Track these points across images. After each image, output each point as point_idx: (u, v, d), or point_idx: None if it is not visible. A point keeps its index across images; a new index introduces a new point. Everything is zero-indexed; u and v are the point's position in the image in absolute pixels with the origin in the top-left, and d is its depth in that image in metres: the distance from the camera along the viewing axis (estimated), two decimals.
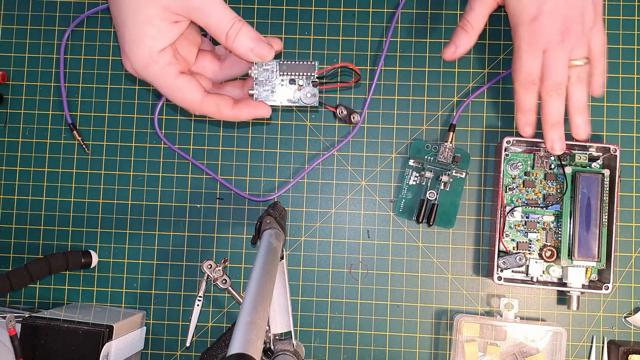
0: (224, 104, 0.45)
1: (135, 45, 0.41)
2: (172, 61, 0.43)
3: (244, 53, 0.44)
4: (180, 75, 0.43)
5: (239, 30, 0.43)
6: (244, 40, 0.43)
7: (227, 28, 0.42)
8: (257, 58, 0.44)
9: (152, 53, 0.41)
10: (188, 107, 0.45)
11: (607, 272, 0.57)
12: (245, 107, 0.46)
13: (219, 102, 0.45)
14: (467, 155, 0.62)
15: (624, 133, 0.62)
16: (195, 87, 0.44)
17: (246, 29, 0.43)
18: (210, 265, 0.58)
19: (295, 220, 0.63)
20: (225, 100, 0.45)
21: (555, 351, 0.58)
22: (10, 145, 0.65)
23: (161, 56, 0.42)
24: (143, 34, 0.41)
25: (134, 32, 0.41)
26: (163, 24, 0.41)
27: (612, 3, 0.63)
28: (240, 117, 0.46)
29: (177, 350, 0.63)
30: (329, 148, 0.63)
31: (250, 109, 0.46)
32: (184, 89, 0.43)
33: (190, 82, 0.44)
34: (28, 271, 0.57)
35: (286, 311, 0.51)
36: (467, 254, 0.62)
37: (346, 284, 0.63)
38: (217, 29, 0.42)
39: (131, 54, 0.42)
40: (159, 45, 0.42)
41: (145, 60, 0.42)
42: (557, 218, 0.59)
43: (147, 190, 0.64)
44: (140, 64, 0.42)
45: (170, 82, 0.43)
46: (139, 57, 0.42)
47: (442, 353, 0.61)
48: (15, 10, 0.66)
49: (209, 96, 0.45)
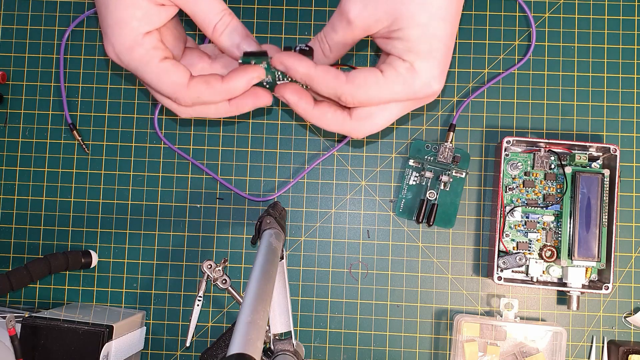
0: (214, 79, 0.40)
1: (119, 27, 0.39)
2: (157, 45, 0.40)
3: (229, 49, 0.41)
4: (165, 59, 0.40)
5: (228, 24, 0.40)
6: (232, 36, 0.40)
7: (215, 20, 0.40)
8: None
9: (137, 35, 0.39)
10: (175, 91, 0.41)
11: (607, 272, 0.57)
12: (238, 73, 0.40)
13: (208, 78, 0.40)
14: (467, 155, 0.62)
15: (624, 133, 0.62)
16: (181, 68, 0.40)
17: (236, 23, 0.40)
18: (210, 265, 0.58)
19: (295, 220, 0.63)
20: (215, 76, 0.40)
21: (555, 351, 0.58)
22: (10, 145, 0.65)
23: (147, 39, 0.39)
24: (128, 15, 0.38)
25: (118, 14, 0.39)
26: (149, 5, 0.39)
27: (612, 3, 0.63)
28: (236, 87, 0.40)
29: (177, 350, 0.63)
30: (329, 148, 0.63)
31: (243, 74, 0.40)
32: (169, 70, 0.40)
33: (175, 64, 0.40)
34: (28, 271, 0.57)
35: (286, 311, 0.51)
36: (467, 254, 0.62)
37: (346, 284, 0.63)
38: (205, 20, 0.40)
39: (114, 37, 0.39)
40: (144, 28, 0.39)
41: (130, 42, 0.39)
42: (557, 218, 0.59)
43: (147, 190, 0.64)
44: (123, 47, 0.39)
45: (155, 65, 0.40)
46: (122, 39, 0.39)
47: (442, 353, 0.61)
48: (15, 10, 0.66)
49: (195, 77, 0.41)
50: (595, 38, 0.63)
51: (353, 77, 0.39)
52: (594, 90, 0.63)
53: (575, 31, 0.63)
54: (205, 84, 0.40)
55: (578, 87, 0.63)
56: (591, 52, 0.63)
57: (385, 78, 0.39)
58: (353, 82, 0.39)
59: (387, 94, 0.39)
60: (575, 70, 0.63)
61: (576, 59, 0.63)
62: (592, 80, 0.63)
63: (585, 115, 0.62)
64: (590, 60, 0.63)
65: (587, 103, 0.63)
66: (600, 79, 0.63)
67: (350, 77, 0.39)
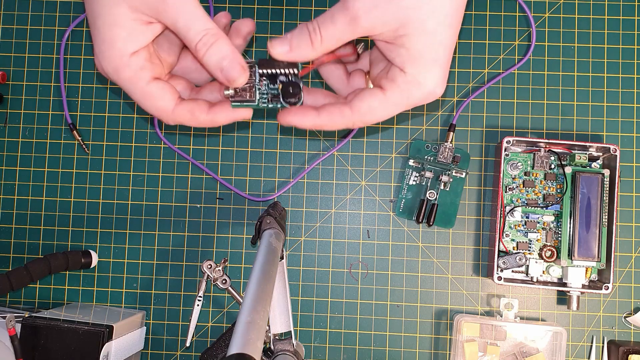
0: (198, 110, 0.41)
1: (105, 47, 0.38)
2: (145, 65, 0.39)
3: (212, 71, 0.39)
4: (152, 81, 0.40)
5: (210, 45, 0.38)
6: (214, 57, 0.38)
7: (195, 39, 0.38)
8: (225, 80, 0.39)
9: (123, 56, 0.38)
10: (160, 115, 0.41)
11: (607, 272, 0.57)
12: (222, 110, 0.41)
13: (193, 108, 0.41)
14: (467, 155, 0.62)
15: (624, 133, 0.62)
16: (168, 94, 0.40)
17: (219, 45, 0.38)
18: (210, 265, 0.58)
19: (295, 220, 0.63)
20: (200, 105, 0.41)
21: (555, 351, 0.58)
22: (10, 145, 0.65)
23: (133, 60, 0.39)
24: (113, 35, 0.38)
25: (104, 34, 0.38)
26: (134, 25, 0.38)
27: (612, 3, 0.63)
28: (217, 121, 0.41)
29: (177, 350, 0.63)
30: (329, 148, 0.63)
31: (228, 112, 0.42)
32: (156, 95, 0.40)
33: (162, 88, 0.40)
34: (28, 271, 0.57)
35: (286, 311, 0.51)
36: (467, 254, 0.62)
37: (346, 284, 0.63)
38: (186, 38, 0.38)
39: (101, 56, 0.39)
40: (130, 48, 0.38)
41: (116, 63, 0.39)
42: (557, 218, 0.59)
43: (147, 190, 0.64)
44: (110, 67, 0.39)
45: (141, 88, 0.40)
46: (109, 60, 0.39)
47: (442, 353, 0.61)
48: (15, 10, 0.66)
49: (182, 103, 0.41)
50: (595, 38, 0.63)
51: (357, 107, 0.40)
52: (594, 90, 0.63)
53: (575, 31, 0.63)
54: (189, 113, 0.41)
55: (578, 87, 0.63)
56: (591, 52, 0.63)
57: (388, 97, 0.39)
58: (359, 111, 0.40)
59: (392, 110, 0.40)
60: (575, 70, 0.63)
61: (576, 59, 0.63)
62: (592, 80, 0.63)
63: (585, 115, 0.62)
64: (590, 60, 0.63)
65: (587, 103, 0.63)
66: (600, 79, 0.63)
67: (355, 108, 0.40)
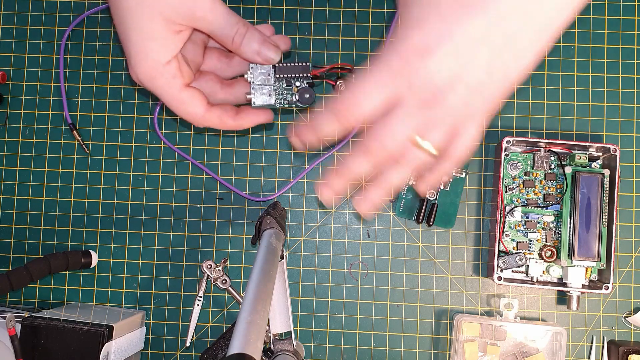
0: (226, 115, 0.46)
1: (140, 58, 0.41)
2: (176, 74, 0.43)
3: (250, 57, 0.44)
4: (184, 89, 0.44)
5: (244, 34, 0.43)
6: (250, 44, 0.44)
7: (232, 34, 0.43)
8: (264, 61, 0.45)
9: (157, 66, 0.42)
10: (191, 119, 0.45)
11: (607, 272, 0.57)
12: (247, 115, 0.47)
13: (221, 114, 0.46)
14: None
15: (624, 133, 0.62)
16: (198, 100, 0.44)
17: (251, 32, 0.43)
18: (210, 265, 0.58)
19: (295, 220, 0.63)
20: (228, 111, 0.46)
21: (555, 351, 0.58)
22: (10, 145, 0.65)
23: (166, 69, 0.42)
24: (148, 48, 0.41)
25: (138, 47, 0.41)
26: (166, 35, 0.41)
27: (612, 3, 0.63)
28: (244, 125, 0.47)
29: (177, 350, 0.63)
30: (329, 148, 0.63)
31: (252, 116, 0.47)
32: (188, 102, 0.44)
33: (193, 95, 0.44)
34: (28, 271, 0.57)
35: (286, 311, 0.51)
36: (467, 254, 0.62)
37: (346, 284, 0.63)
38: (222, 36, 0.43)
39: (137, 67, 0.42)
40: (164, 58, 0.42)
41: (151, 72, 0.42)
42: (557, 218, 0.59)
43: (147, 190, 0.64)
44: (145, 76, 0.42)
45: (175, 95, 0.43)
46: (144, 70, 0.42)
47: (442, 353, 0.61)
48: (15, 10, 0.66)
49: (212, 109, 0.45)
50: (595, 38, 0.63)
51: None
52: (594, 90, 0.63)
53: (575, 31, 0.63)
54: (218, 119, 0.45)
55: (578, 87, 0.63)
56: (591, 52, 0.63)
57: None
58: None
59: None
60: (575, 70, 0.63)
61: (576, 59, 0.63)
62: (592, 80, 0.63)
63: (585, 115, 0.62)
64: (590, 60, 0.63)
65: (587, 103, 0.63)
66: (600, 79, 0.63)
67: None
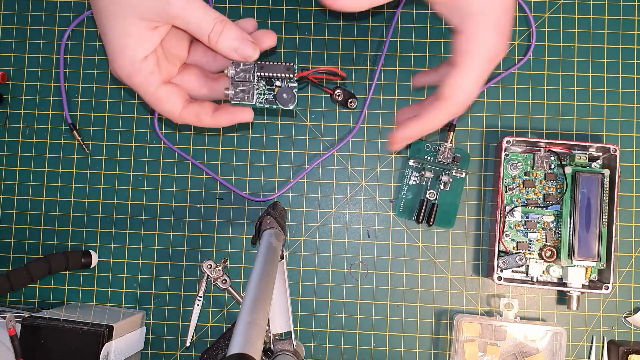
0: (203, 113, 0.45)
1: (116, 55, 0.41)
2: (154, 70, 0.42)
3: (227, 54, 0.43)
4: (162, 86, 0.43)
5: (221, 31, 0.42)
6: (227, 41, 0.42)
7: (208, 30, 0.42)
8: (241, 58, 0.43)
9: (134, 63, 0.41)
10: (169, 117, 0.45)
11: (607, 272, 0.57)
12: (225, 113, 0.45)
13: (198, 111, 0.45)
14: (467, 155, 0.62)
15: (624, 133, 0.62)
16: (176, 97, 0.44)
17: (228, 29, 0.42)
18: (210, 265, 0.58)
19: (295, 220, 0.63)
20: (205, 109, 0.45)
21: (555, 351, 0.58)
22: (10, 145, 0.65)
23: (143, 65, 0.42)
24: (123, 45, 0.41)
25: (114, 44, 0.41)
26: (142, 32, 0.41)
27: (612, 3, 0.63)
28: (221, 123, 0.46)
29: (177, 350, 0.63)
30: (329, 148, 0.63)
31: (230, 115, 0.46)
32: (165, 99, 0.43)
33: (172, 92, 0.44)
34: (28, 271, 0.57)
35: (286, 311, 0.51)
36: (467, 254, 0.62)
37: (346, 284, 0.63)
38: (198, 32, 0.42)
39: (114, 64, 0.42)
40: (140, 54, 0.41)
41: (128, 70, 0.42)
42: (557, 218, 0.59)
43: (147, 190, 0.64)
44: (123, 73, 0.42)
45: (152, 91, 0.43)
46: (121, 67, 0.42)
47: (442, 353, 0.61)
48: (15, 10, 0.66)
49: (189, 106, 0.45)
50: (595, 38, 0.63)
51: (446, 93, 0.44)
52: (594, 90, 0.63)
53: (575, 31, 0.63)
54: (195, 117, 0.45)
55: (578, 87, 0.63)
56: (591, 52, 0.63)
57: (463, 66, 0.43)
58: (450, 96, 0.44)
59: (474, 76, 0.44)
60: (575, 70, 0.63)
61: (576, 59, 0.63)
62: (592, 80, 0.63)
63: (585, 115, 0.62)
64: (590, 60, 0.63)
65: (587, 103, 0.63)
66: (600, 79, 0.63)
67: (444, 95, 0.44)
